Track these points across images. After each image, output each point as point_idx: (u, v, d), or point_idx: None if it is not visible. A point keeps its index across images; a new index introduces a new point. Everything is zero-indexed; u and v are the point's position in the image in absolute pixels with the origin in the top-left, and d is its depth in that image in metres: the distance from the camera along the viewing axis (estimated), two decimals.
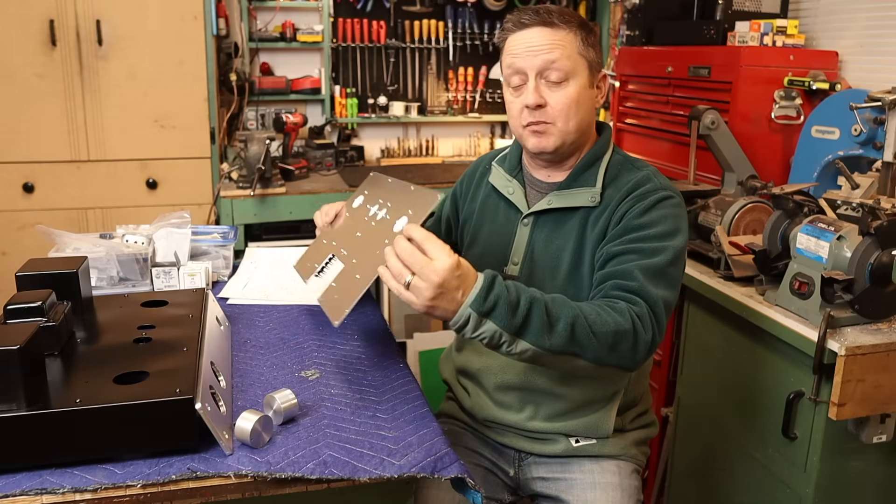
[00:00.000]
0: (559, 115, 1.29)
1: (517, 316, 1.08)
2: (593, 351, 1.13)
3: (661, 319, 1.20)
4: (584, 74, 1.30)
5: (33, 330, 0.97)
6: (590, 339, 1.12)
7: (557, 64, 1.27)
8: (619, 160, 1.38)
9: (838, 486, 1.61)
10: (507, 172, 1.45)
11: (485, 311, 1.07)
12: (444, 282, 1.03)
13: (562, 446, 1.42)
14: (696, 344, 2.02)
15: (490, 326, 1.08)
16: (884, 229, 1.48)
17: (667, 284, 1.23)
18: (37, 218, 2.81)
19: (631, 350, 1.16)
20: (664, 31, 2.69)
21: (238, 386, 1.20)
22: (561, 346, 1.11)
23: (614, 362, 1.16)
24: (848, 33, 2.37)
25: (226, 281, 1.72)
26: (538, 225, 1.38)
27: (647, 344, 1.17)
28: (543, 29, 1.28)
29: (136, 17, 2.80)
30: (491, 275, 1.10)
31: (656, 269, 1.22)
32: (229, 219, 2.87)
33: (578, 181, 1.35)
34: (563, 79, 1.28)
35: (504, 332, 1.08)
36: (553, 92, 1.29)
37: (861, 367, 1.47)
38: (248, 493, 0.97)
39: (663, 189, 1.30)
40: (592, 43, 1.31)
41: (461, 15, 3.57)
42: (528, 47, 1.28)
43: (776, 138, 2.27)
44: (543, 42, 1.28)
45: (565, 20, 1.29)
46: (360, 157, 3.49)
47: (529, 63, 1.28)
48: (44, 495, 0.91)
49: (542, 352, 1.11)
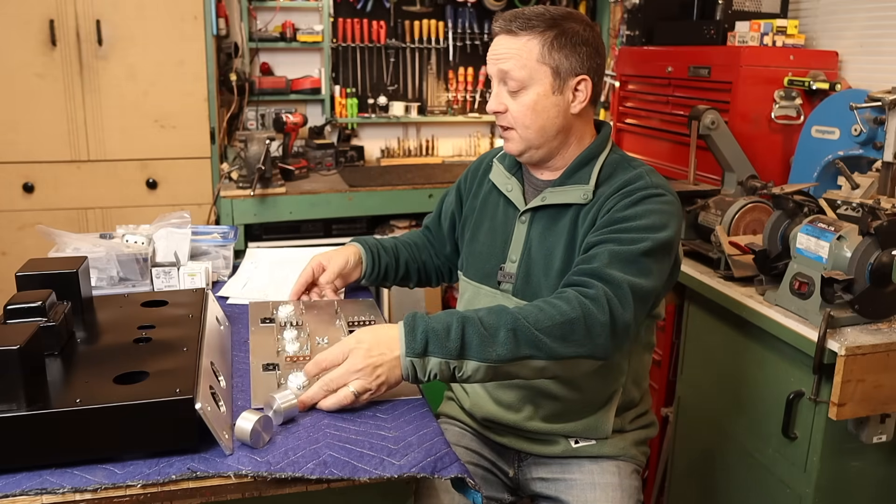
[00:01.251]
0: (516, 122, 1.33)
1: (451, 340, 1.09)
2: (545, 348, 1.12)
3: (624, 301, 1.17)
4: (544, 82, 1.30)
5: (33, 330, 0.97)
6: (536, 338, 1.11)
7: (511, 73, 1.30)
8: (615, 159, 1.38)
9: (838, 486, 1.61)
10: (507, 170, 1.46)
11: (419, 351, 1.09)
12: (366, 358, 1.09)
13: (561, 447, 1.42)
14: (696, 344, 2.02)
15: (433, 361, 1.09)
16: (884, 229, 1.48)
17: (638, 272, 1.21)
18: (37, 218, 2.81)
19: (586, 336, 1.14)
20: (664, 31, 2.69)
21: (238, 386, 1.20)
22: (509, 354, 1.10)
23: (573, 353, 1.14)
24: (848, 33, 2.37)
25: (226, 281, 1.72)
26: (535, 222, 1.39)
27: (604, 326, 1.14)
28: (505, 37, 1.31)
29: (136, 17, 2.80)
30: (409, 317, 1.12)
31: (628, 255, 1.21)
32: (229, 219, 2.87)
33: (573, 178, 1.36)
34: (519, 87, 1.30)
35: (447, 360, 1.09)
36: (512, 99, 1.32)
37: (861, 367, 1.47)
38: (248, 493, 0.97)
39: (654, 187, 1.30)
40: (563, 44, 1.29)
41: (461, 15, 3.57)
42: (493, 54, 1.33)
43: (776, 138, 2.27)
44: (502, 50, 1.31)
45: (528, 26, 1.28)
46: (360, 157, 3.49)
47: (492, 70, 1.33)
48: (44, 495, 0.90)
49: (493, 365, 1.10)
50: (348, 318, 1.45)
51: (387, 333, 1.11)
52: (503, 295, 1.41)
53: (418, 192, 3.10)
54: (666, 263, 1.29)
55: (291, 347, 1.31)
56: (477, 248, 1.47)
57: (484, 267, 1.45)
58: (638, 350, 1.43)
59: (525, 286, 1.38)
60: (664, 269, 1.28)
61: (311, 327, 1.40)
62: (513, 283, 1.40)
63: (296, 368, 1.23)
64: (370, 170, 3.41)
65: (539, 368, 1.14)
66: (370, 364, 1.09)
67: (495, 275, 1.42)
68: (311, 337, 1.36)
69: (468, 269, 1.49)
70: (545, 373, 1.17)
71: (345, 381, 1.09)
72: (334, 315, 1.47)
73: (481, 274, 1.45)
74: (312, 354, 1.29)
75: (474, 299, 1.46)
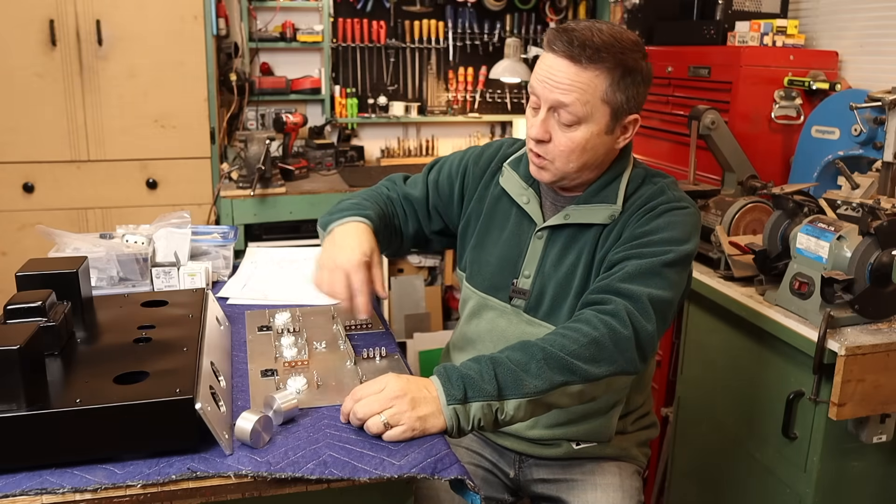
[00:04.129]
0: (559, 156, 1.24)
1: (486, 382, 1.07)
2: (579, 372, 1.11)
3: (645, 313, 1.16)
4: (601, 121, 1.22)
5: (33, 330, 0.97)
6: (568, 363, 1.10)
7: (571, 108, 1.19)
8: (638, 174, 1.33)
9: (838, 486, 1.61)
10: (523, 179, 1.38)
11: (460, 398, 1.06)
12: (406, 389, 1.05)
13: (563, 449, 1.41)
14: (696, 344, 2.02)
15: (475, 406, 1.06)
16: (884, 229, 1.48)
17: (659, 284, 1.19)
18: (37, 218, 2.81)
19: (615, 352, 1.13)
20: (664, 31, 2.69)
21: (238, 386, 1.20)
22: (545, 384, 1.09)
23: (606, 371, 1.13)
24: (848, 33, 2.37)
25: (226, 281, 1.72)
26: (552, 239, 1.34)
27: (629, 340, 1.14)
28: (570, 64, 1.18)
29: (136, 17, 2.80)
30: (439, 368, 1.10)
31: (648, 268, 1.20)
32: (229, 219, 2.87)
33: (598, 196, 1.31)
34: (574, 122, 1.21)
35: (489, 402, 1.07)
36: (561, 131, 1.23)
37: (861, 367, 1.47)
38: (248, 493, 0.97)
39: (675, 200, 1.28)
40: (628, 84, 1.20)
41: (461, 15, 3.57)
42: (549, 76, 1.20)
43: (776, 138, 2.27)
44: (564, 79, 1.19)
45: (598, 59, 1.17)
46: (360, 157, 3.49)
47: (544, 94, 1.22)
48: (44, 495, 0.91)
49: (533, 398, 1.09)
50: (345, 321, 1.45)
51: (421, 379, 1.09)
52: (514, 310, 1.37)
53: None
54: (685, 275, 1.28)
55: (289, 353, 1.31)
56: (484, 257, 1.42)
57: (492, 278, 1.40)
58: None
59: (538, 304, 1.35)
60: (683, 281, 1.28)
61: (308, 333, 1.40)
62: (526, 299, 1.36)
63: (294, 373, 1.23)
64: (370, 170, 3.41)
65: (577, 393, 1.13)
66: (409, 395, 1.04)
67: (505, 288, 1.38)
68: (309, 342, 1.36)
69: (473, 277, 1.44)
70: (584, 396, 1.15)
71: (379, 408, 1.04)
72: (331, 320, 1.47)
73: (488, 285, 1.41)
74: (311, 359, 1.29)
75: (480, 310, 1.42)
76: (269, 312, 1.50)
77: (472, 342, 1.45)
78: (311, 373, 1.24)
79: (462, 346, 1.51)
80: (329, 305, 1.56)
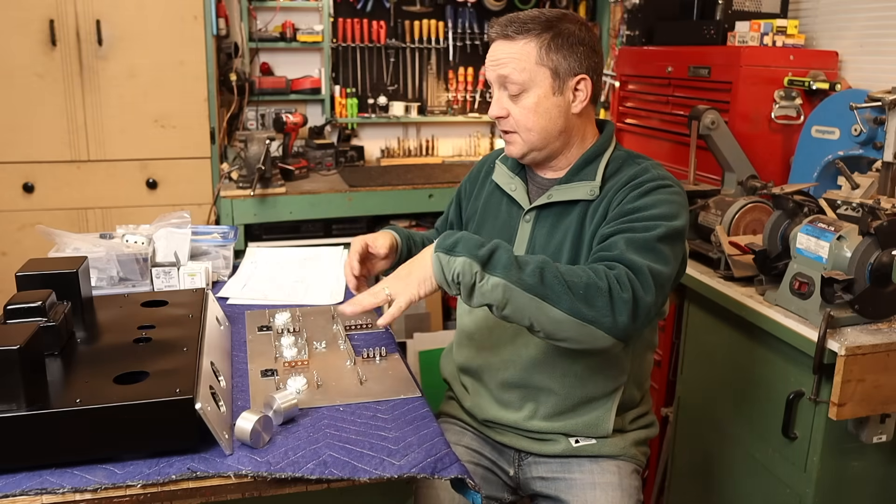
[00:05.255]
0: (518, 126, 1.34)
1: (482, 249, 1.13)
2: (567, 300, 1.12)
3: (645, 283, 1.17)
4: (543, 83, 1.31)
5: (33, 330, 0.97)
6: (561, 286, 1.13)
7: (511, 77, 1.30)
8: (620, 155, 1.39)
9: (838, 486, 1.61)
10: (510, 170, 1.46)
11: (449, 248, 1.13)
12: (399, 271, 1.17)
13: (562, 446, 1.42)
14: (696, 344, 2.03)
15: (459, 260, 1.12)
16: (884, 229, 1.48)
17: (655, 257, 1.21)
18: (37, 218, 2.81)
19: (608, 307, 1.14)
20: (664, 31, 2.69)
21: (238, 386, 1.20)
22: (531, 286, 1.12)
23: (592, 317, 1.13)
24: (848, 33, 2.37)
25: (226, 281, 1.72)
26: (539, 220, 1.39)
27: (626, 303, 1.14)
28: (502, 42, 1.32)
29: (136, 17, 2.80)
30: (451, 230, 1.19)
31: (643, 242, 1.22)
32: (229, 219, 2.87)
33: (579, 176, 1.37)
34: (519, 91, 1.31)
35: (472, 262, 1.11)
36: (514, 104, 1.33)
37: (861, 367, 1.47)
38: (248, 493, 0.97)
39: (661, 179, 1.31)
40: (560, 45, 1.30)
41: (461, 15, 3.57)
42: (491, 60, 1.34)
43: (776, 138, 2.27)
44: (500, 55, 1.32)
45: (524, 30, 1.29)
46: (360, 157, 3.49)
47: (492, 76, 1.35)
48: (44, 495, 0.91)
49: (512, 287, 1.12)
50: (345, 322, 1.45)
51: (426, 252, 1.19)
52: None
53: (418, 193, 3.09)
54: (679, 251, 1.30)
55: (289, 353, 1.31)
56: None
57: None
58: (640, 350, 1.44)
59: None
60: (678, 257, 1.30)
61: (308, 332, 1.40)
62: None
63: (294, 373, 1.23)
64: (370, 170, 3.41)
65: (555, 321, 1.14)
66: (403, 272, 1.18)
67: None
68: (309, 342, 1.36)
69: None
70: (560, 328, 1.15)
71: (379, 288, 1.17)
72: (331, 320, 1.47)
73: None
74: (311, 359, 1.29)
75: None
76: (269, 312, 1.50)
77: (470, 335, 1.48)
78: (311, 373, 1.24)
79: (461, 340, 1.52)
80: (329, 305, 1.57)
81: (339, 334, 1.39)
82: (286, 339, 1.35)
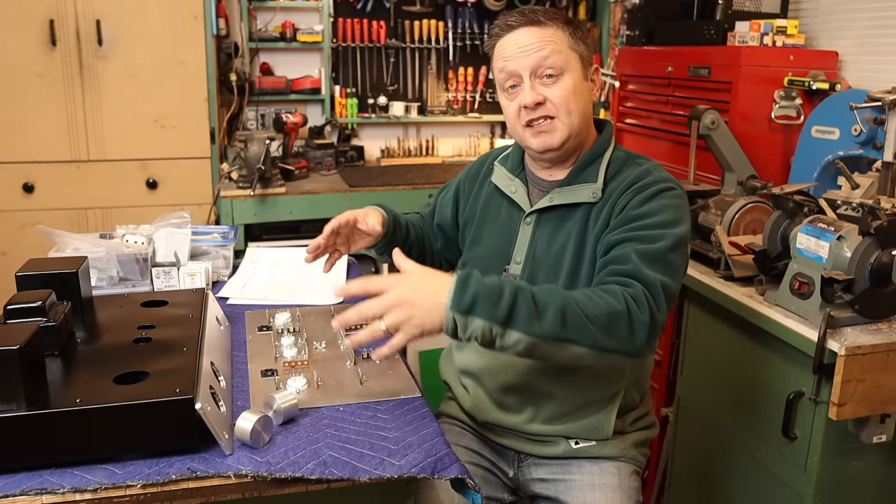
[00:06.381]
0: (560, 108, 1.31)
1: (501, 306, 1.07)
2: (589, 336, 1.11)
3: (659, 301, 1.17)
4: (576, 68, 1.32)
5: (33, 330, 0.97)
6: (583, 324, 1.10)
7: (550, 60, 1.29)
8: (620, 156, 1.38)
9: (838, 486, 1.61)
10: (510, 172, 1.45)
11: (465, 309, 1.06)
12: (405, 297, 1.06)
13: (561, 448, 1.42)
14: (696, 344, 2.02)
15: (477, 323, 1.07)
16: (884, 229, 1.48)
17: (665, 270, 1.21)
18: (37, 218, 2.81)
19: (628, 332, 1.13)
20: (664, 31, 2.69)
21: (238, 386, 1.20)
22: (554, 333, 1.09)
23: (613, 346, 1.13)
24: (848, 33, 2.37)
25: (226, 281, 1.72)
26: (540, 223, 1.38)
27: (644, 325, 1.14)
28: (531, 28, 1.31)
29: (136, 17, 2.80)
30: (464, 273, 1.10)
31: (654, 254, 1.21)
32: (229, 219, 2.87)
33: (580, 178, 1.36)
34: (559, 73, 1.30)
35: (492, 324, 1.07)
36: (549, 87, 1.30)
37: (861, 367, 1.47)
38: (248, 493, 0.97)
39: (664, 181, 1.31)
40: (581, 37, 1.34)
41: (461, 15, 3.57)
42: (519, 48, 1.31)
43: (776, 138, 2.27)
44: (533, 41, 1.30)
45: (551, 17, 1.31)
46: (360, 157, 3.49)
47: (522, 64, 1.30)
48: (44, 495, 0.91)
49: (535, 340, 1.09)
50: None
51: (438, 279, 1.10)
52: None
53: (418, 192, 3.09)
54: (684, 258, 1.30)
55: (289, 353, 1.31)
56: (480, 252, 1.45)
57: (487, 270, 1.40)
58: None
59: None
60: (684, 266, 1.30)
61: (308, 332, 1.40)
62: None
63: (294, 373, 1.23)
64: (370, 170, 3.41)
65: (578, 356, 1.13)
66: (408, 300, 1.06)
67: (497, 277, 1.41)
68: (309, 342, 1.36)
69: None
70: (581, 361, 1.15)
71: (380, 313, 1.07)
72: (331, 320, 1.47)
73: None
74: (311, 359, 1.29)
75: None
76: (269, 312, 1.50)
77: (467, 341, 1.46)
78: (311, 373, 1.24)
79: (463, 344, 1.51)
80: (329, 306, 1.57)
81: (339, 334, 1.39)
82: (286, 339, 1.35)
